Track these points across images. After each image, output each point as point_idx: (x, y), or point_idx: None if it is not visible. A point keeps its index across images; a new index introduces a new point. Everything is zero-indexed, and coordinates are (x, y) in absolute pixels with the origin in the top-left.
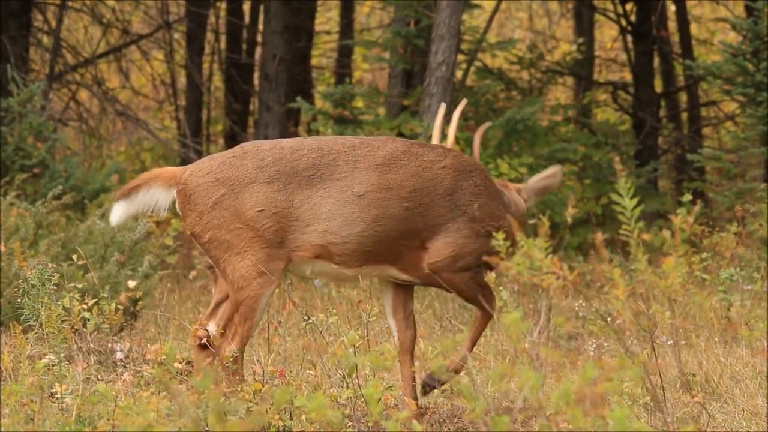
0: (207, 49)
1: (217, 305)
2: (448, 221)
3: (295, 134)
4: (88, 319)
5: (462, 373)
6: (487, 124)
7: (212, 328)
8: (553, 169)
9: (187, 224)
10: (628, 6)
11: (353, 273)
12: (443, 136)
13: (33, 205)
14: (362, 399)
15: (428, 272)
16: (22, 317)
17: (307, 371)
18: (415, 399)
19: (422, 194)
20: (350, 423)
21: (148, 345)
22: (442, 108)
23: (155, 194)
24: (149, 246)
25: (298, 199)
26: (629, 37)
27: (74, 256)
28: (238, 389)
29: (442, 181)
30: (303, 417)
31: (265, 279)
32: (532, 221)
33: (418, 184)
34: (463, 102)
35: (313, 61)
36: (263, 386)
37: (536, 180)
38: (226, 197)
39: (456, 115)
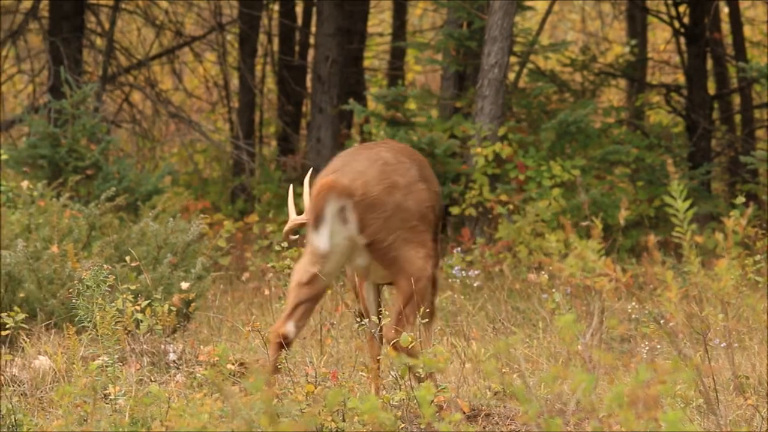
0: (260, 51)
1: (297, 306)
2: None
3: (348, 137)
4: (142, 321)
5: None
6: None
7: (290, 328)
8: None
9: (368, 233)
10: (681, 8)
11: None
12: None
13: (86, 207)
14: (415, 401)
15: None
16: (76, 318)
17: (360, 373)
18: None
19: None
20: (402, 425)
21: (201, 346)
22: (309, 175)
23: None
24: (202, 248)
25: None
26: (682, 39)
27: (127, 258)
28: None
29: None
30: (355, 419)
31: (434, 263)
32: (585, 223)
33: None
34: (311, 170)
35: (366, 63)
36: (316, 388)
37: None
38: (405, 199)
39: (306, 180)
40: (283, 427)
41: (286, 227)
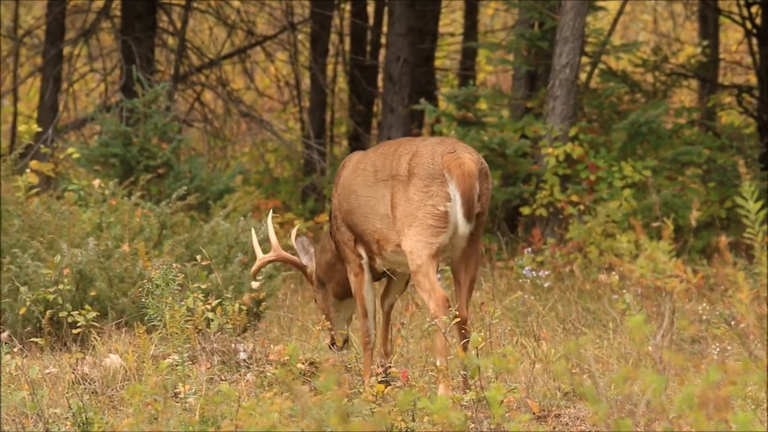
0: (331, 51)
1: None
2: None
3: (419, 136)
4: (212, 320)
5: (585, 376)
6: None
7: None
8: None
9: (483, 202)
10: (754, 9)
11: None
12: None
13: (157, 206)
14: (484, 401)
15: None
16: (146, 317)
17: (430, 373)
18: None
19: None
20: (472, 425)
21: (271, 346)
22: (270, 216)
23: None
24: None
25: None
26: (754, 40)
27: (198, 257)
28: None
29: None
30: (425, 419)
31: None
32: (656, 224)
33: None
34: (271, 212)
35: (437, 63)
36: (386, 388)
37: None
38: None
39: (269, 220)
40: (353, 426)
41: (255, 267)
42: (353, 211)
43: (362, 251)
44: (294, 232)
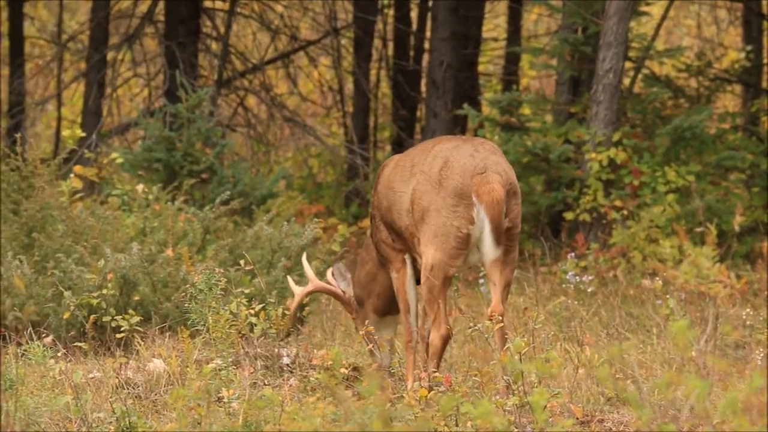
0: (374, 56)
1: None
2: None
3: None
4: (255, 324)
5: (628, 381)
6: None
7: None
8: None
9: (514, 215)
10: None
11: None
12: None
13: (201, 211)
14: (528, 406)
15: None
16: (190, 322)
17: (473, 378)
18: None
19: None
20: (516, 430)
21: (315, 350)
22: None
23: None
24: (316, 252)
25: None
26: None
27: (241, 262)
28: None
29: None
30: (469, 424)
31: None
32: (699, 229)
33: None
34: (305, 255)
35: (480, 68)
36: (429, 393)
37: None
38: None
39: (303, 260)
40: (396, 431)
41: (295, 302)
42: (391, 208)
43: (402, 247)
44: (304, 260)
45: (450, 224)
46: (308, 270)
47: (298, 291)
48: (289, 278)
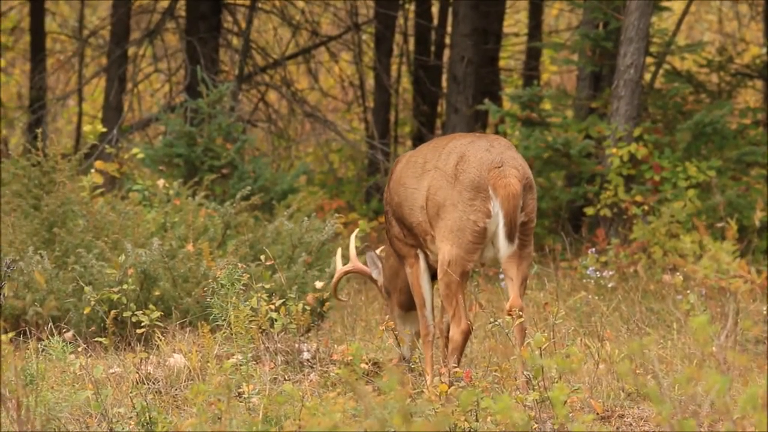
0: (395, 51)
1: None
2: None
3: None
4: (276, 320)
5: (649, 376)
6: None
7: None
8: None
9: (530, 209)
10: None
11: None
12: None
13: (222, 206)
14: (548, 401)
15: None
16: (211, 317)
17: (493, 373)
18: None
19: None
20: (536, 425)
21: (335, 346)
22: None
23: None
24: (336, 247)
25: None
26: None
27: (262, 257)
28: None
29: None
30: (489, 419)
31: None
32: (720, 224)
33: None
34: (356, 231)
35: (501, 63)
36: (449, 388)
37: None
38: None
39: (352, 237)
40: (416, 426)
41: (335, 278)
42: (402, 204)
43: (414, 242)
44: (353, 237)
45: (467, 218)
46: (352, 250)
47: (340, 268)
48: (339, 251)
